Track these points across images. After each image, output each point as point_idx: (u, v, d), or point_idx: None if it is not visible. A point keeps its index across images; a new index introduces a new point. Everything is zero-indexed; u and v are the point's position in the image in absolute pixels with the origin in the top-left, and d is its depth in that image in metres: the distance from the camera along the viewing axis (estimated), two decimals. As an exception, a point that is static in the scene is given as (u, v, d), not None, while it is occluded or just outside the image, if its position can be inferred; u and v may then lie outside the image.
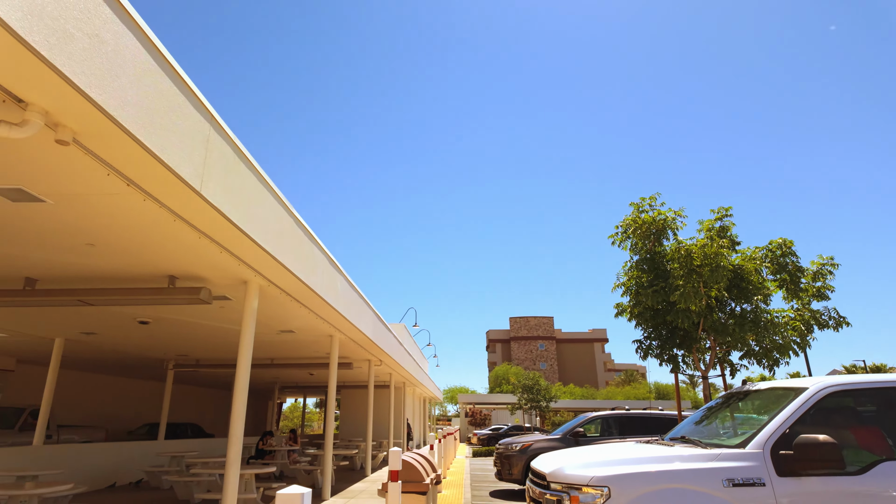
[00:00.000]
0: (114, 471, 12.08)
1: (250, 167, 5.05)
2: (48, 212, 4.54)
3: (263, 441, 15.07)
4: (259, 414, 34.24)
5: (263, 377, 21.16)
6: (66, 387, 17.76)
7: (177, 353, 14.03)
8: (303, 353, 13.63)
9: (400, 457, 4.10)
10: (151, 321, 9.26)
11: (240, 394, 6.34)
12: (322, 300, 7.80)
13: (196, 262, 5.91)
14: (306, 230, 6.85)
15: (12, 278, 6.58)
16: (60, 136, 3.16)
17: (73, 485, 6.40)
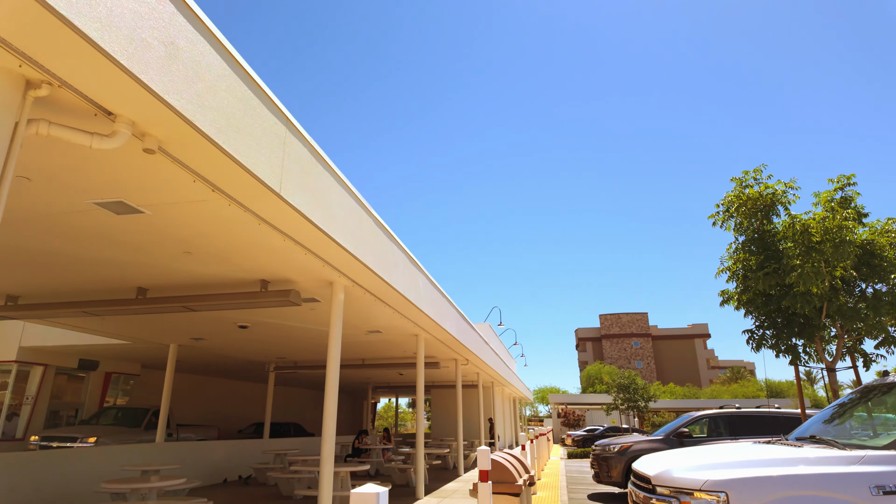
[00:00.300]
0: (225, 467, 12.94)
1: (327, 167, 5.10)
2: (148, 223, 4.85)
3: (359, 440, 15.51)
4: (355, 413, 35.54)
5: (356, 377, 21.87)
6: (183, 389, 19.40)
7: (276, 355, 14.81)
8: (391, 353, 13.85)
9: (489, 456, 3.92)
10: (250, 325, 9.78)
11: (331, 393, 6.46)
12: (404, 298, 7.80)
13: (284, 264, 6.09)
14: (385, 229, 6.86)
15: (126, 289, 7.18)
16: (147, 146, 3.31)
17: (185, 479, 6.86)
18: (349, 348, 13.04)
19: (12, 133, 2.70)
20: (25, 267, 6.27)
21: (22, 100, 2.76)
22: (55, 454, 8.51)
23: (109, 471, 9.42)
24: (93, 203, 4.40)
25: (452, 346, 12.65)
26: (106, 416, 13.70)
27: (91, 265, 6.19)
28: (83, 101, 2.97)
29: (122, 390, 16.27)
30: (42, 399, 13.62)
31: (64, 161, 3.71)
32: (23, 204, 4.43)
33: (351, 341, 11.83)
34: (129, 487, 6.21)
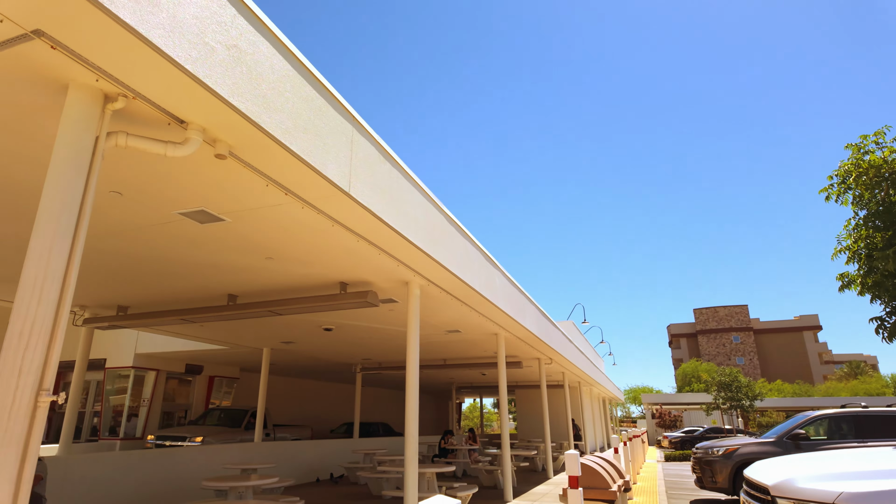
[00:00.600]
0: (318, 466, 13.41)
1: (395, 165, 5.03)
2: (229, 230, 5.02)
3: (444, 440, 15.51)
4: (440, 414, 35.84)
5: (439, 378, 21.98)
6: (279, 391, 20.44)
7: (361, 357, 15.17)
8: (471, 352, 13.71)
9: (578, 461, 3.63)
10: (334, 328, 10.03)
11: (411, 393, 6.41)
12: (481, 296, 7.61)
13: (360, 266, 6.12)
14: (458, 226, 6.72)
15: (218, 296, 7.57)
16: (219, 151, 3.37)
17: (278, 478, 7.10)
18: (430, 348, 13.06)
19: (94, 146, 2.82)
20: (130, 279, 6.77)
21: (101, 113, 2.88)
22: (167, 452, 9.18)
23: (213, 468, 10.02)
24: (178, 213, 4.61)
25: (534, 344, 12.29)
26: (211, 416, 14.69)
27: (185, 275, 6.57)
28: (156, 111, 3.06)
29: (224, 392, 17.41)
30: (156, 401, 14.86)
31: (149, 174, 3.89)
32: (118, 218, 4.73)
33: (431, 341, 11.82)
34: (227, 485, 6.51)
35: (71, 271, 2.63)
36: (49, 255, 2.53)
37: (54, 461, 7.37)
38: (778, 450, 9.06)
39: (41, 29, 2.46)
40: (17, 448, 2.31)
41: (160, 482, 8.83)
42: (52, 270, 2.53)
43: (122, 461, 8.29)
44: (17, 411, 2.33)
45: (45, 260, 2.52)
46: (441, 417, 35.89)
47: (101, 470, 7.97)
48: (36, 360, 2.42)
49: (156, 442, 12.81)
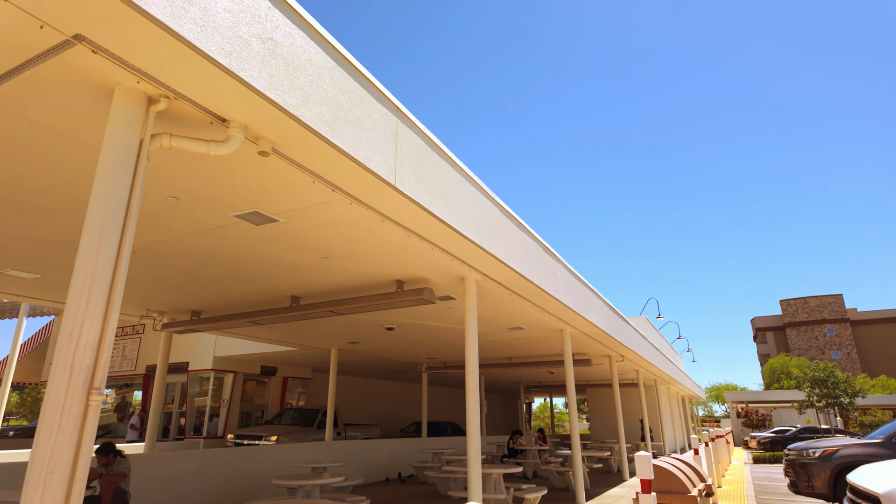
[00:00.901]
0: (387, 465, 13.53)
1: (444, 156, 4.87)
2: (284, 231, 5.06)
3: (513, 440, 15.22)
4: (509, 413, 35.44)
5: (505, 377, 21.67)
6: (350, 390, 20.92)
7: (426, 356, 15.18)
8: (537, 350, 13.34)
9: (649, 463, 3.30)
10: (396, 327, 10.05)
11: (471, 392, 6.23)
12: (542, 291, 7.31)
13: (414, 262, 6.02)
14: (513, 217, 6.47)
15: (282, 297, 7.74)
16: (261, 148, 3.34)
17: (344, 477, 7.15)
18: (493, 346, 12.83)
19: (139, 147, 2.86)
20: (199, 284, 7.05)
21: (145, 115, 2.92)
22: (242, 451, 9.54)
23: (285, 466, 10.32)
24: (234, 216, 4.69)
25: (602, 340, 11.76)
26: (285, 416, 15.22)
27: (249, 278, 6.75)
28: (198, 111, 3.07)
29: (298, 393, 18.02)
30: (235, 402, 15.59)
31: (202, 178, 3.95)
32: (180, 224, 4.88)
33: (493, 339, 11.59)
34: (296, 483, 6.62)
35: (119, 271, 2.66)
36: (97, 257, 2.57)
37: (139, 459, 7.81)
38: (887, 452, 8.09)
39: (81, 33, 2.50)
40: (70, 446, 2.35)
41: (236, 479, 9.18)
42: (101, 271, 2.57)
43: (200, 459, 8.69)
44: (70, 410, 2.37)
45: (94, 261, 2.56)
46: (511, 417, 35.49)
47: (181, 467, 8.39)
48: (86, 359, 2.45)
49: (235, 440, 13.41)
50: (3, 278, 6.63)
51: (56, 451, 2.30)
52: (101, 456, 6.09)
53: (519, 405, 34.40)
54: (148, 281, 6.87)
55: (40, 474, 2.26)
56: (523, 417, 31.60)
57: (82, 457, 2.40)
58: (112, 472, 6.08)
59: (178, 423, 15.51)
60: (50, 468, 2.28)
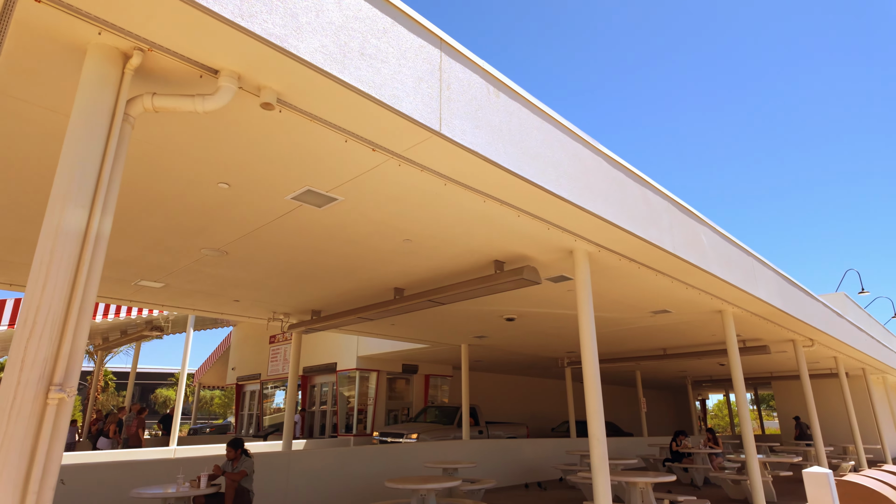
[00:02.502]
0: (531, 466, 12.64)
1: (513, 96, 3.96)
2: (351, 211, 4.57)
3: (676, 442, 13.29)
4: (679, 412, 32.02)
5: (665, 370, 19.33)
6: (492, 388, 20.41)
7: (564, 349, 14.00)
8: (694, 337, 11.39)
9: (829, 484, 2.04)
10: (515, 317, 9.19)
11: (591, 385, 5.16)
12: (682, 261, 5.91)
13: (506, 236, 5.16)
14: (626, 169, 5.24)
15: (387, 290, 7.39)
16: (264, 99, 2.82)
17: (460, 481, 6.51)
18: (638, 335, 11.24)
19: (113, 109, 2.50)
20: (302, 282, 6.98)
21: (121, 74, 2.55)
22: (380, 448, 9.48)
23: (419, 465, 10.04)
24: (290, 199, 4.32)
25: (779, 321, 9.54)
26: (428, 414, 15.18)
27: (346, 271, 6.47)
28: (181, 63, 2.64)
29: (440, 390, 17.99)
30: (380, 400, 16.00)
31: (238, 157, 3.60)
32: (242, 214, 4.65)
33: (636, 326, 10.09)
34: (408, 487, 6.14)
35: (87, 249, 2.30)
36: (57, 231, 2.22)
37: (277, 456, 8.04)
38: None
39: (15, -20, 2.18)
40: (19, 455, 1.99)
41: (372, 476, 9.10)
42: (62, 248, 2.22)
43: (337, 457, 8.75)
44: (18, 411, 2.01)
45: (53, 238, 2.21)
46: (682, 417, 32.02)
47: (318, 464, 8.50)
48: (42, 350, 2.09)
49: (380, 438, 13.65)
50: (138, 289, 7.23)
51: (3, 459, 1.95)
52: (231, 450, 6.23)
53: (689, 403, 30.82)
54: (255, 282, 6.97)
55: (-16, 486, 1.93)
56: (696, 416, 28.18)
57: (38, 468, 2.03)
58: (235, 469, 6.19)
59: (332, 421, 16.37)
60: (-5, 479, 1.94)
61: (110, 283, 6.94)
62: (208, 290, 7.38)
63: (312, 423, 17.09)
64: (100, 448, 11.89)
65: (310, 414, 17.33)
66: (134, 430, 12.21)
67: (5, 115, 3.14)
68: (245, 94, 2.89)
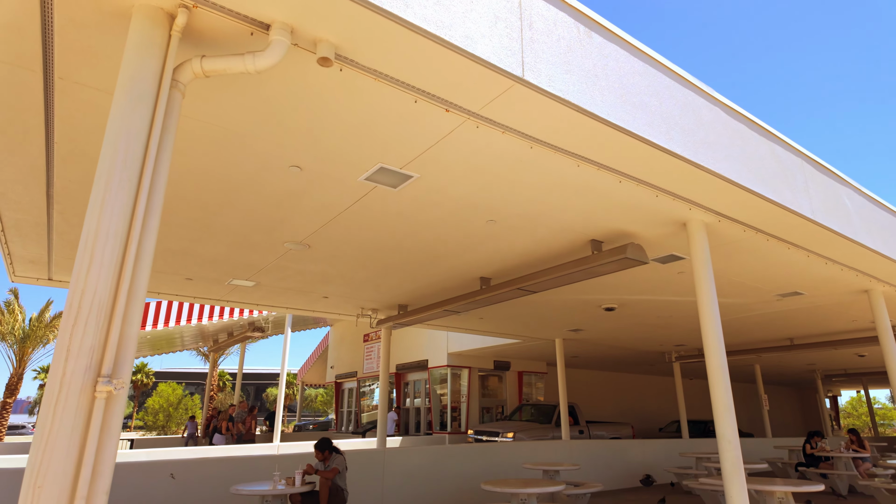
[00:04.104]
0: (639, 469, 11.66)
1: (610, 37, 3.35)
2: (430, 190, 4.19)
3: (811, 444, 11.65)
4: (806, 410, 28.73)
5: (791, 363, 17.22)
6: (593, 385, 19.34)
7: (672, 342, 12.81)
8: (829, 324, 9.85)
9: None
10: (616, 306, 8.38)
11: (718, 380, 4.38)
12: (823, 229, 4.92)
13: (605, 209, 4.53)
14: (751, 122, 4.40)
15: (472, 281, 6.96)
16: (322, 54, 2.49)
17: (564, 485, 5.91)
18: (759, 323, 9.92)
19: (160, 77, 2.27)
20: (387, 275, 6.74)
21: (167, 38, 2.33)
22: (478, 448, 9.11)
23: (518, 466, 9.52)
24: (363, 180, 4.01)
25: (946, 301, 7.93)
26: (524, 412, 14.60)
27: (427, 261, 6.14)
28: (230, 20, 2.37)
29: (534, 388, 17.32)
30: (473, 397, 15.66)
31: (310, 129, 3.34)
32: (318, 201, 4.42)
33: (758, 313, 8.86)
34: (507, 491, 5.67)
35: (135, 228, 2.07)
36: (101, 209, 2.01)
37: (373, 454, 7.92)
38: None
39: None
40: (68, 452, 1.77)
41: (468, 476, 8.74)
42: (107, 227, 2.00)
43: (432, 456, 8.49)
44: (66, 404, 1.80)
45: (97, 217, 2.00)
46: (809, 415, 28.70)
47: (414, 463, 8.28)
48: (88, 338, 1.88)
49: (475, 436, 13.29)
50: (232, 288, 7.38)
51: (48, 459, 1.75)
52: (318, 451, 6.14)
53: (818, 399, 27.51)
54: (340, 277, 6.84)
55: (28, 489, 1.72)
56: (827, 415, 25.06)
57: (88, 466, 1.80)
58: (327, 468, 6.07)
59: (426, 419, 16.28)
60: (40, 480, 1.73)
61: (206, 283, 7.13)
62: (297, 287, 7.39)
63: (407, 420, 17.13)
64: (215, 444, 12.60)
65: (404, 411, 17.39)
66: (247, 426, 12.82)
67: (74, 103, 3.07)
68: (301, 52, 2.57)
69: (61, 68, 2.71)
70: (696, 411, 21.74)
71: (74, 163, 3.70)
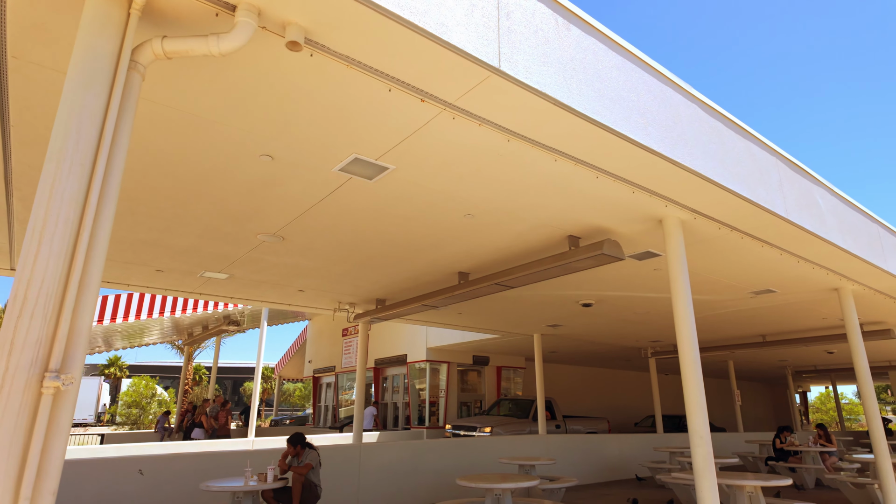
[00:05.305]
0: (616, 464, 11.80)
1: (588, 29, 3.32)
2: (405, 182, 4.12)
3: (781, 438, 11.93)
4: (777, 406, 29.46)
5: (763, 360, 17.60)
6: (569, 380, 19.51)
7: (648, 339, 12.97)
8: (800, 321, 10.06)
9: None
10: (593, 302, 8.43)
11: (691, 376, 4.42)
12: (795, 227, 4.99)
13: (582, 205, 4.51)
14: (727, 119, 4.42)
15: (451, 276, 6.92)
16: (290, 37, 2.40)
17: (539, 480, 5.92)
18: (734, 320, 10.09)
19: (117, 56, 2.16)
20: (365, 269, 6.65)
21: (126, 18, 2.21)
22: (454, 442, 9.09)
23: (493, 461, 9.54)
24: (338, 171, 3.92)
25: (911, 300, 8.15)
26: (501, 406, 14.65)
27: (405, 255, 6.07)
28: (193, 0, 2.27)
29: (513, 382, 17.39)
30: (451, 392, 15.65)
31: (280, 117, 3.23)
32: (292, 192, 4.32)
33: (732, 310, 9.00)
34: (482, 486, 5.65)
35: (87, 218, 1.96)
36: (50, 197, 1.90)
37: (349, 449, 7.84)
38: None
39: None
40: (10, 452, 1.68)
41: (445, 471, 8.72)
42: (59, 216, 1.89)
43: (409, 451, 8.45)
44: (8, 401, 1.70)
45: (45, 203, 1.89)
46: (780, 411, 29.43)
47: (390, 458, 8.23)
48: (34, 331, 1.77)
49: (452, 431, 13.29)
50: (204, 281, 7.22)
51: (-12, 459, 1.65)
52: (291, 446, 6.05)
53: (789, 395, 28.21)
54: (317, 270, 6.73)
55: (-33, 491, 1.62)
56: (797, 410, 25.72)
57: (32, 466, 1.71)
58: (300, 463, 5.99)
59: (405, 414, 16.23)
60: (-21, 483, 1.63)
61: (178, 276, 6.95)
62: (272, 280, 7.25)
63: (385, 415, 17.07)
64: (195, 438, 12.35)
65: (382, 406, 17.32)
66: (222, 421, 12.61)
67: (29, 84, 2.93)
68: (269, 35, 2.48)
69: (14, 47, 2.57)
70: (671, 406, 22.11)
71: (33, 147, 3.54)
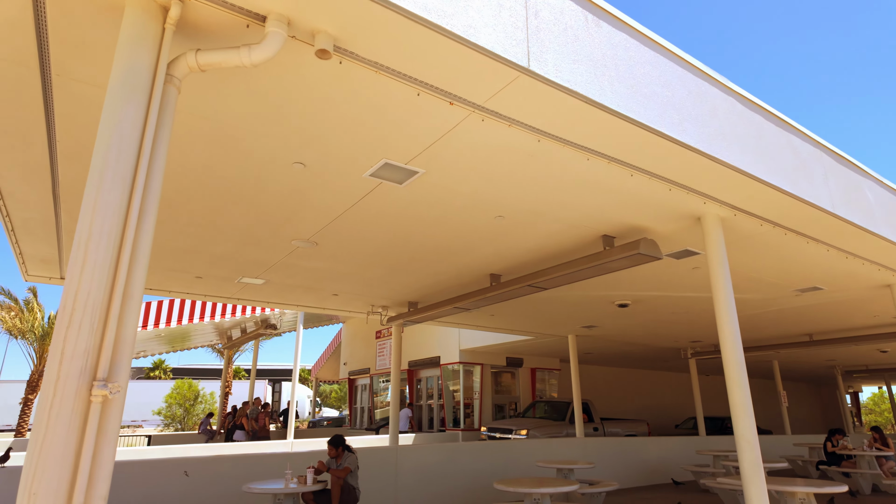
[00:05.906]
0: (656, 467, 11.51)
1: (619, 25, 3.24)
2: (436, 186, 4.11)
3: (832, 441, 11.40)
4: (826, 407, 28.22)
5: (810, 360, 16.89)
6: (607, 382, 19.15)
7: (687, 339, 12.61)
8: (850, 319, 9.61)
9: None
10: (630, 303, 8.24)
11: (735, 377, 4.26)
12: (842, 222, 4.76)
13: (617, 204, 4.41)
14: (767, 112, 4.25)
15: (483, 277, 6.88)
16: (320, 45, 2.43)
17: (578, 485, 5.81)
18: (777, 319, 9.71)
19: (154, 71, 2.22)
20: (397, 272, 6.69)
21: (161, 32, 2.28)
22: (491, 445, 9.04)
23: (531, 464, 9.44)
24: (368, 176, 3.95)
25: (973, 295, 7.66)
26: (537, 409, 14.50)
27: (437, 258, 6.07)
28: (224, 12, 2.31)
29: (548, 384, 17.19)
30: (486, 394, 15.58)
31: (312, 125, 3.28)
32: (324, 199, 4.36)
33: (776, 309, 8.66)
34: (521, 491, 5.59)
35: (129, 229, 2.02)
36: (95, 207, 1.97)
37: (386, 451, 7.89)
38: None
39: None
40: (62, 458, 1.74)
41: (481, 474, 8.68)
42: (101, 226, 1.95)
43: (446, 453, 8.44)
44: (60, 409, 1.76)
45: (90, 217, 1.96)
46: (830, 412, 28.18)
47: (427, 460, 8.25)
48: (83, 340, 1.83)
49: (488, 433, 13.22)
50: (242, 286, 7.38)
51: (42, 466, 1.71)
52: (332, 448, 6.11)
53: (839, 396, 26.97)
54: (350, 274, 6.80)
55: (24, 496, 1.69)
56: (848, 412, 24.57)
57: (84, 472, 1.76)
58: (339, 466, 6.04)
59: (439, 416, 16.24)
60: (34, 488, 1.69)
61: (216, 281, 7.14)
62: (307, 284, 7.36)
63: (420, 416, 17.12)
64: (236, 440, 12.65)
65: (417, 408, 17.37)
66: (262, 423, 12.88)
67: (72, 99, 3.04)
68: (299, 44, 2.51)
69: (58, 64, 2.68)
70: (713, 408, 21.44)
71: (78, 160, 3.69)
